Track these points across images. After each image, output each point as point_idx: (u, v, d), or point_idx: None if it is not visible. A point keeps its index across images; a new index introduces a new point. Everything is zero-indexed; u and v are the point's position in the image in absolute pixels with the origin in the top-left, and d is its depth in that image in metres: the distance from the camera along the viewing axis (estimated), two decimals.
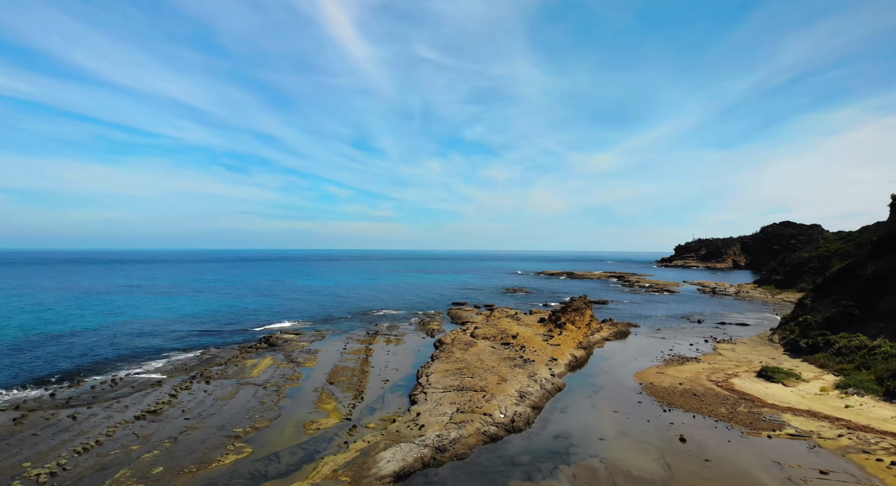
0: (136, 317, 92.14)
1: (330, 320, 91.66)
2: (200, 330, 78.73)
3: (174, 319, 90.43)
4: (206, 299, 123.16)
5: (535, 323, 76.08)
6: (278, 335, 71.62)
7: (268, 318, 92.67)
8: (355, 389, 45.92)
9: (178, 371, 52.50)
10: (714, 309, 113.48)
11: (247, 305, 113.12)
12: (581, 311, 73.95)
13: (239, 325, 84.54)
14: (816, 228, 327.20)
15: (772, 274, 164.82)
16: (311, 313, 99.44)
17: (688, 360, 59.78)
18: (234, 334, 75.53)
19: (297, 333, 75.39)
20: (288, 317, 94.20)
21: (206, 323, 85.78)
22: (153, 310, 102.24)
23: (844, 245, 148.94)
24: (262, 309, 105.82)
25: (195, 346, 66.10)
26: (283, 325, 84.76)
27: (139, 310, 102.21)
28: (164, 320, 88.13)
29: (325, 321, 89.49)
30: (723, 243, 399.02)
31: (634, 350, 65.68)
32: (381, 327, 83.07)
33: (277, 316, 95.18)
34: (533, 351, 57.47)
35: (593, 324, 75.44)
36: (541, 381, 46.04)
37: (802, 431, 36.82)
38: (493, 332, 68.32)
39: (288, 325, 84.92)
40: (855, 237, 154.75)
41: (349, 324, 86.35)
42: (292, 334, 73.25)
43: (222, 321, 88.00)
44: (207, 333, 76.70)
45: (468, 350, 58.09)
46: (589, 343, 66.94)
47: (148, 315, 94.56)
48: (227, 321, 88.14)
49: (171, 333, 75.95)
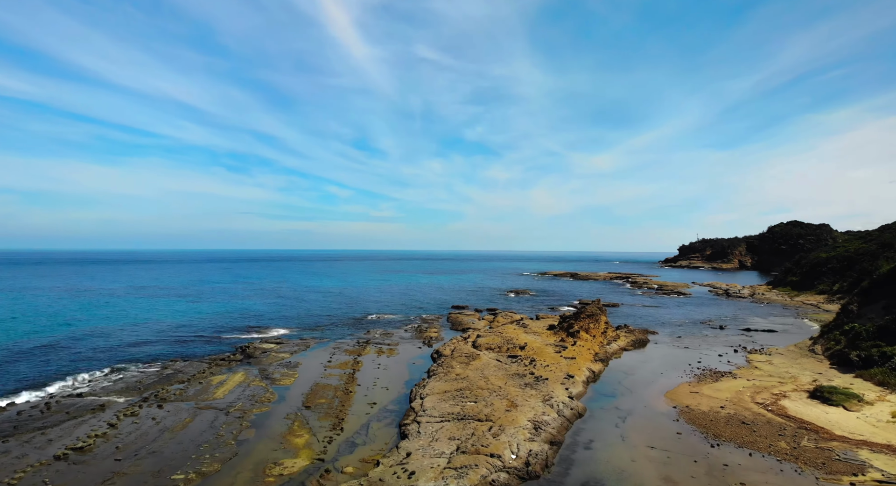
0: (108, 322, 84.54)
1: (319, 326, 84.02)
2: (173, 338, 71.12)
3: (148, 324, 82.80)
4: (189, 303, 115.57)
5: (545, 331, 68.42)
6: (257, 345, 63.96)
7: (251, 324, 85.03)
8: (335, 415, 38.25)
9: (130, 391, 44.83)
10: (733, 313, 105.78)
11: (231, 309, 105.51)
12: (595, 317, 66.30)
13: (217, 332, 76.91)
14: (825, 227, 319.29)
15: (787, 275, 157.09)
16: (300, 319, 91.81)
17: (722, 375, 52.09)
18: (209, 343, 67.87)
19: (280, 341, 67.74)
20: (273, 323, 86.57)
21: (180, 330, 78.16)
22: (129, 314, 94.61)
23: (865, 244, 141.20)
24: (247, 314, 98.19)
25: (160, 357, 58.46)
26: (266, 333, 77.10)
27: (114, 314, 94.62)
28: (136, 326, 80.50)
29: (314, 328, 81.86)
30: (728, 243, 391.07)
31: (658, 362, 58.00)
32: (374, 334, 75.45)
33: (262, 322, 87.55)
34: (545, 366, 49.78)
35: (609, 332, 67.77)
36: (558, 405, 38.37)
37: (891, 475, 29.21)
38: (497, 341, 60.68)
39: (272, 333, 77.28)
40: (875, 236, 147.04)
41: (339, 331, 78.71)
42: (273, 344, 65.57)
43: (199, 328, 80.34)
44: (179, 341, 69.06)
45: (470, 364, 50.46)
46: (606, 355, 59.26)
47: (121, 320, 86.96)
48: (205, 328, 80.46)
49: (138, 341, 68.31)
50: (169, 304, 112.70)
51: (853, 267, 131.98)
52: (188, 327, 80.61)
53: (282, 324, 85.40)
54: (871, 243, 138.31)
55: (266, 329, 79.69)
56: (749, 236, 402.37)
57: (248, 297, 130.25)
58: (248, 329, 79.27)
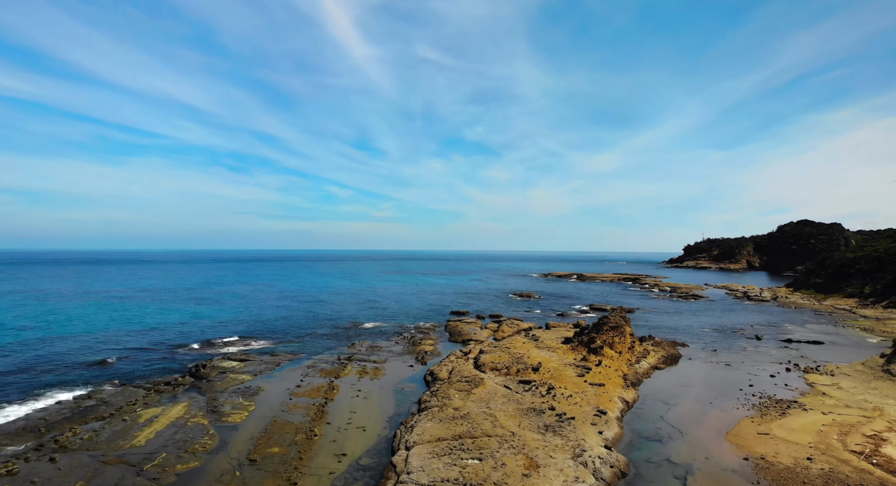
0: (59, 331, 73.98)
1: (298, 337, 73.50)
2: (118, 353, 60.42)
3: (93, 336, 72.09)
4: (158, 308, 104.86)
5: (560, 345, 57.88)
6: (216, 363, 53.36)
7: (219, 334, 74.47)
8: (286, 478, 27.73)
9: (26, 433, 34.26)
10: (762, 320, 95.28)
11: (202, 315, 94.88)
12: (620, 330, 55.74)
13: (175, 345, 66.31)
14: (837, 226, 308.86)
15: (810, 277, 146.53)
16: (278, 328, 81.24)
17: (788, 405, 41.56)
18: (159, 361, 57.23)
19: (245, 358, 57.15)
20: (247, 333, 76.10)
21: (132, 342, 67.52)
22: (72, 322, 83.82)
23: (894, 244, 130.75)
24: (219, 322, 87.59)
25: (91, 380, 47.85)
26: (234, 347, 66.55)
27: (72, 320, 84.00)
28: (76, 339, 69.67)
29: (292, 340, 71.34)
30: (735, 243, 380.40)
31: (701, 387, 47.48)
32: (360, 347, 64.93)
33: (233, 331, 77.00)
34: (567, 397, 39.24)
35: (637, 347, 57.22)
36: (593, 463, 27.84)
37: None
38: (505, 359, 50.17)
39: (240, 346, 66.74)
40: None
41: (320, 343, 68.18)
42: (236, 362, 54.96)
43: (155, 339, 69.75)
44: (125, 357, 58.43)
45: (472, 393, 39.94)
46: (637, 376, 48.74)
47: (75, 328, 76.36)
48: (162, 340, 69.85)
49: (74, 357, 57.64)
50: (134, 309, 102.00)
51: (885, 268, 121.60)
52: (142, 339, 69.95)
53: (256, 334, 74.90)
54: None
55: (235, 341, 69.16)
56: (756, 236, 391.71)
57: (226, 301, 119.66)
58: (213, 342, 68.65)
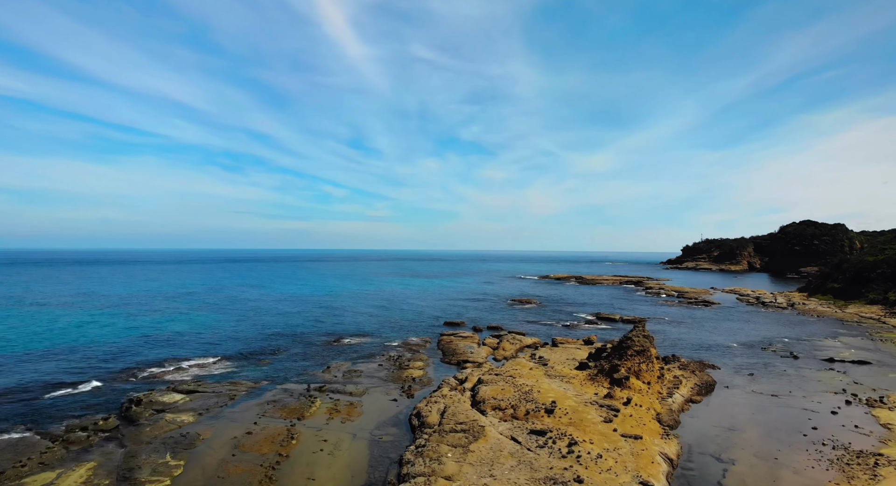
0: None
1: (268, 355, 63.79)
2: (50, 376, 50.56)
3: (37, 352, 62.04)
4: (123, 316, 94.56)
5: (574, 372, 48.51)
6: (155, 396, 43.60)
7: (179, 352, 64.67)
8: None
9: None
10: (788, 332, 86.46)
11: (170, 327, 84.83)
12: (646, 354, 46.42)
13: (117, 368, 56.26)
14: (840, 227, 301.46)
15: (826, 281, 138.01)
16: (247, 344, 71.48)
17: (876, 461, 32.42)
18: (91, 392, 47.20)
19: (196, 388, 47.41)
20: (212, 350, 66.37)
21: (75, 361, 57.55)
22: (34, 333, 73.79)
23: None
24: (180, 336, 77.67)
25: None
26: (188, 371, 56.72)
27: (20, 336, 73.85)
28: (19, 356, 59.73)
29: (258, 360, 61.61)
30: (736, 244, 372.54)
31: (753, 430, 38.22)
32: (336, 371, 55.36)
33: (193, 349, 67.22)
34: (595, 457, 29.82)
35: (666, 374, 47.97)
36: None
37: None
38: (509, 394, 40.78)
39: (195, 369, 56.95)
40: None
41: (291, 366, 58.51)
42: (181, 395, 45.18)
43: (102, 359, 59.65)
44: (53, 384, 48.43)
45: (470, 450, 30.53)
46: (672, 417, 39.45)
47: (11, 345, 66.29)
48: (110, 359, 59.80)
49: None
50: (89, 320, 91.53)
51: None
52: (83, 360, 59.86)
53: (221, 351, 65.20)
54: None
55: (193, 363, 59.40)
56: (757, 237, 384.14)
57: (198, 310, 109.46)
58: (166, 364, 58.74)
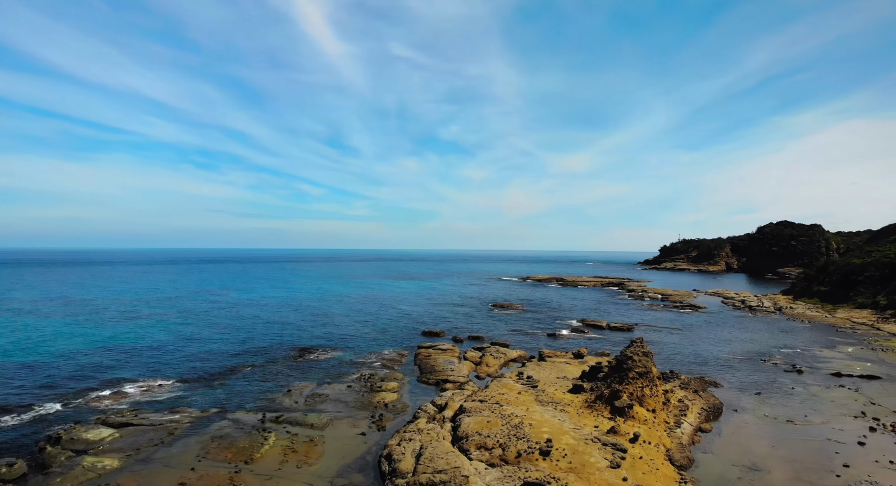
0: None
1: (223, 375, 56.77)
2: None
3: None
4: (71, 326, 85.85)
5: (568, 397, 42.93)
6: (78, 433, 36.43)
7: (122, 371, 57.14)
8: None
9: None
10: (782, 340, 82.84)
11: (120, 338, 76.79)
12: (649, 376, 41.11)
13: (52, 391, 48.70)
14: (817, 228, 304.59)
15: (812, 283, 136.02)
16: (204, 360, 64.24)
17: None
18: (6, 428, 39.97)
19: (132, 418, 40.38)
20: (159, 368, 59.04)
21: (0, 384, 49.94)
22: None
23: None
24: (134, 350, 69.94)
25: None
26: (120, 402, 49.48)
27: None
28: None
29: (212, 379, 54.60)
30: (714, 244, 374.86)
31: (779, 468, 33.09)
32: (298, 395, 48.86)
33: (143, 366, 59.77)
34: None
35: (672, 399, 42.74)
36: None
37: None
38: (496, 428, 34.93)
39: (135, 396, 49.67)
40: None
41: (247, 388, 51.70)
42: (111, 430, 38.10)
43: (32, 380, 51.94)
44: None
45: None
46: (684, 452, 34.14)
47: None
48: (42, 380, 52.14)
49: None
50: (31, 329, 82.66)
51: None
52: (10, 381, 52.11)
53: (170, 370, 57.95)
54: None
55: (135, 385, 52.09)
56: (733, 237, 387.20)
57: (156, 317, 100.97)
58: (103, 386, 51.35)
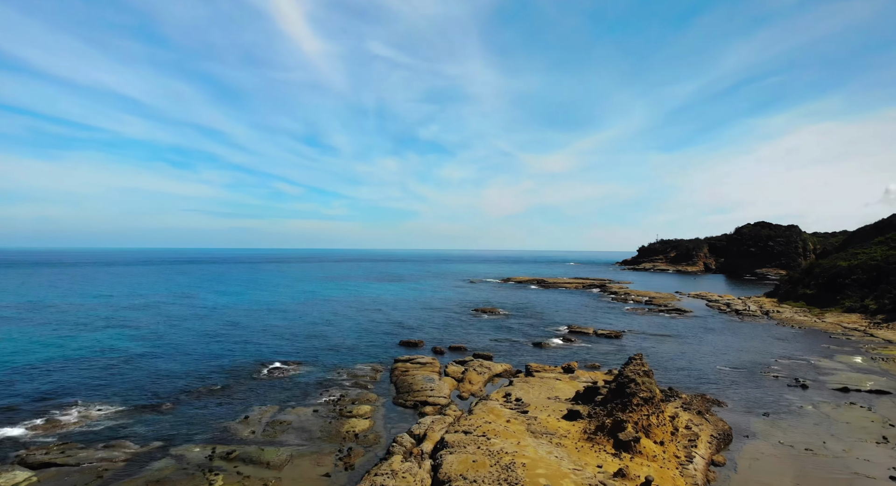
0: None
1: (173, 397, 50.20)
2: None
3: None
4: (16, 338, 77.76)
5: (564, 425, 37.78)
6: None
7: (58, 397, 49.97)
8: None
9: None
10: (776, 348, 79.60)
11: (64, 354, 69.13)
12: (654, 401, 36.26)
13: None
14: (794, 229, 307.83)
15: (797, 286, 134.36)
16: (154, 378, 57.42)
17: None
18: None
19: (58, 455, 33.78)
20: (104, 389, 52.13)
21: None
22: None
23: (893, 252, 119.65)
24: (77, 368, 62.58)
25: None
26: (55, 430, 42.53)
27: None
28: None
29: (160, 405, 47.96)
30: (692, 244, 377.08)
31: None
32: (256, 421, 42.73)
33: (85, 388, 52.67)
34: None
35: (680, 427, 37.96)
36: None
37: None
38: (483, 470, 29.48)
39: (67, 425, 42.81)
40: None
41: (198, 414, 45.36)
42: (27, 475, 31.60)
43: None
44: None
45: None
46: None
47: None
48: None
49: None
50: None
51: (887, 279, 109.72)
52: None
53: (115, 391, 51.08)
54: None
55: (72, 412, 45.18)
56: (711, 237, 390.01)
57: (112, 326, 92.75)
58: (37, 410, 44.25)
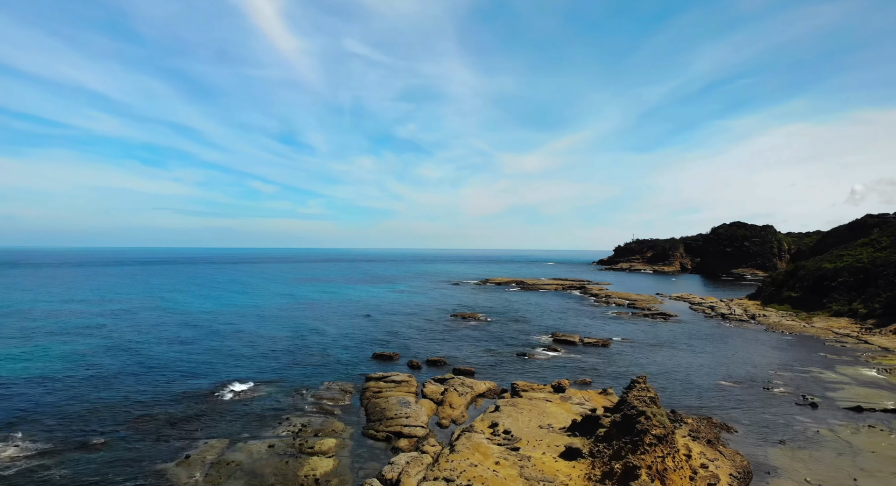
0: None
1: (106, 430, 42.69)
2: None
3: None
4: None
5: (563, 469, 31.75)
6: None
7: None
8: None
9: None
10: (772, 357, 75.74)
11: (4, 374, 60.69)
12: (669, 440, 30.64)
13: None
14: (769, 229, 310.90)
15: (781, 289, 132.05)
16: (87, 405, 49.54)
17: None
18: None
19: None
20: (25, 419, 44.21)
21: None
22: None
23: (879, 254, 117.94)
24: (14, 393, 54.35)
25: None
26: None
27: None
28: None
29: (89, 441, 40.39)
30: (668, 244, 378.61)
31: None
32: (198, 463, 35.64)
33: (4, 420, 44.92)
34: None
35: (696, 465, 32.38)
36: None
37: None
38: None
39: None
40: (886, 244, 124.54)
41: (130, 455, 37.93)
42: None
43: None
44: None
45: None
46: None
47: None
48: None
49: None
50: None
51: (874, 282, 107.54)
52: None
53: (38, 423, 43.17)
54: (890, 252, 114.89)
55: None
56: (686, 237, 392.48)
57: (63, 334, 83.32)
58: None
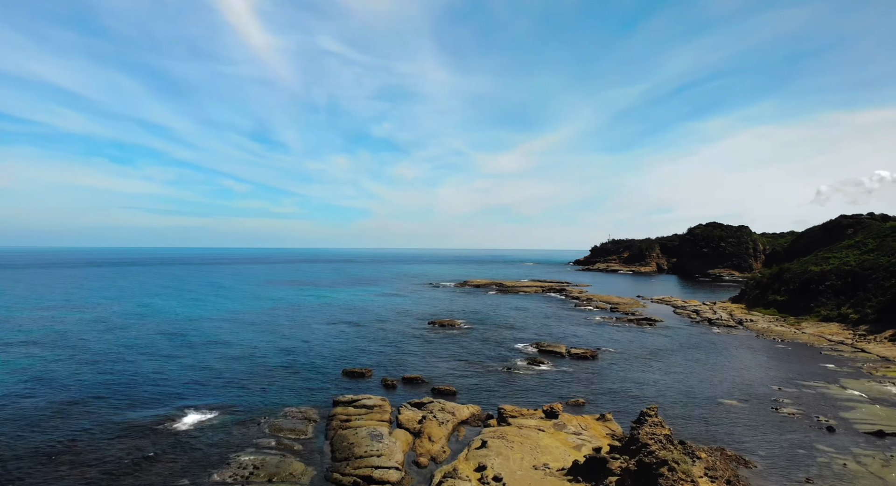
0: None
1: (23, 474, 34.37)
2: None
3: None
4: None
5: None
6: None
7: None
8: None
9: None
10: (770, 369, 71.02)
11: None
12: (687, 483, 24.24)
13: None
14: (745, 229, 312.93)
15: (766, 292, 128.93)
16: (9, 441, 40.93)
17: None
18: None
19: None
20: None
21: None
22: None
23: (867, 256, 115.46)
24: None
25: None
26: None
27: None
28: None
29: None
30: (644, 245, 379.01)
31: None
32: None
33: None
34: None
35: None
36: None
37: None
38: None
39: None
40: (871, 247, 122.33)
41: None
42: None
43: None
44: None
45: None
46: None
47: None
48: None
49: None
50: None
51: (863, 286, 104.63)
52: None
53: None
54: (878, 254, 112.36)
55: None
56: (662, 238, 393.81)
57: (7, 346, 73.53)
58: None
